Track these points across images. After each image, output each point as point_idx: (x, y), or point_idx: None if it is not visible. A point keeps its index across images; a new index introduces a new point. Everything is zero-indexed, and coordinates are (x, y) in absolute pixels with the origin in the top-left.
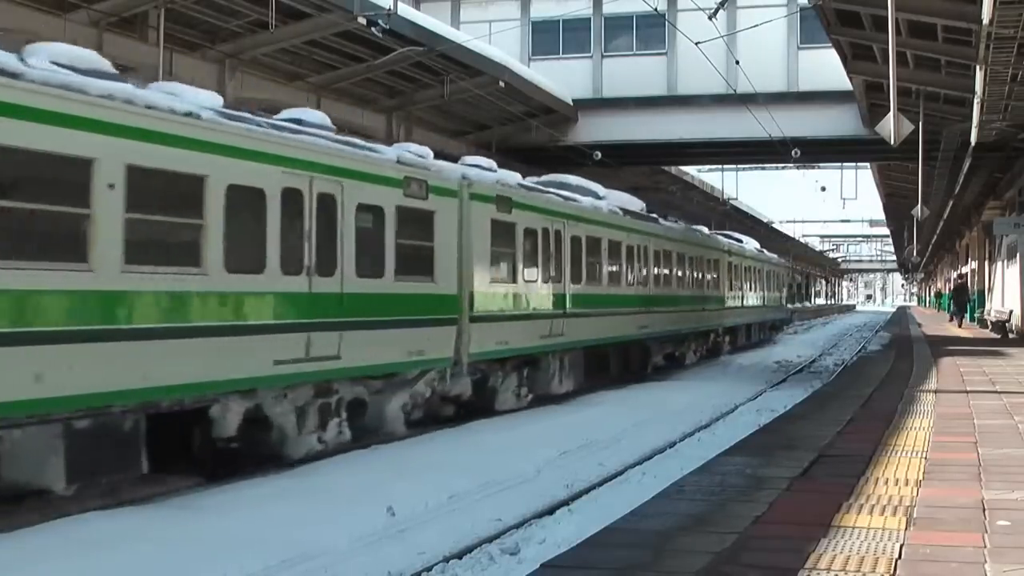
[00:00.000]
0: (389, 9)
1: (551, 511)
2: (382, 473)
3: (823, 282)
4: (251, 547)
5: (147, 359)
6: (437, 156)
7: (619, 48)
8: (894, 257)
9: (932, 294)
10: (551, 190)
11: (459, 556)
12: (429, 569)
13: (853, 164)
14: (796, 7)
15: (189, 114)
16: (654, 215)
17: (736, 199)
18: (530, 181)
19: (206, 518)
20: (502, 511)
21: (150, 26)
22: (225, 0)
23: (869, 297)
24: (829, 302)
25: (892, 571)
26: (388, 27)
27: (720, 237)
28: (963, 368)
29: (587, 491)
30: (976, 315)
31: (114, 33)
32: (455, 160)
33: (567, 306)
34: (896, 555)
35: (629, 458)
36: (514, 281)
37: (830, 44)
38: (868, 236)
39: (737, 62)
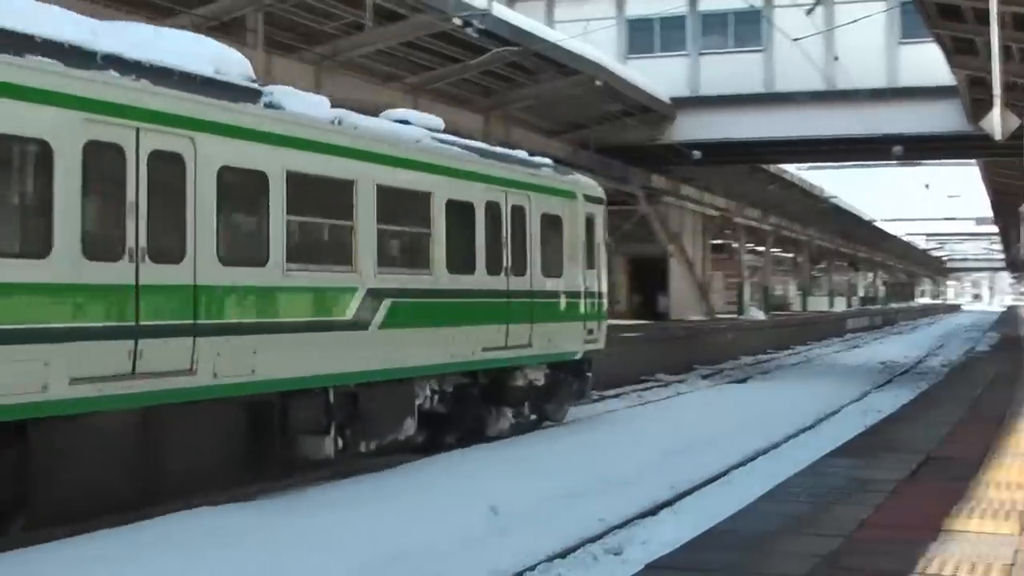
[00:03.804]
0: (484, 9)
1: (654, 511)
2: (485, 472)
3: (927, 282)
4: (355, 544)
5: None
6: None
7: (716, 45)
8: (1002, 256)
9: None
10: None
11: (562, 556)
12: (532, 568)
13: (959, 160)
14: (896, 1)
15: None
16: None
17: (836, 197)
18: None
19: (309, 516)
20: (605, 511)
21: (249, 29)
22: (321, 2)
23: (976, 297)
24: (934, 302)
25: None
26: (483, 27)
27: None
28: None
29: (690, 492)
30: None
31: (215, 37)
32: None
33: None
34: (1010, 561)
35: (732, 459)
36: None
37: (932, 38)
38: (975, 234)
39: (836, 58)
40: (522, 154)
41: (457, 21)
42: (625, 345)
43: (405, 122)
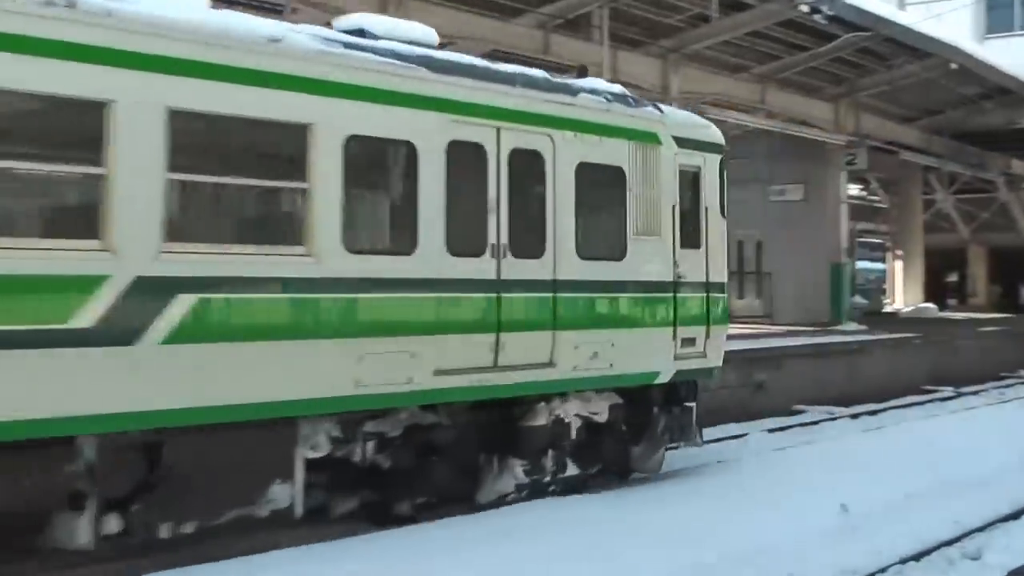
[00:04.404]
0: None
1: (1016, 515)
2: (833, 467)
3: None
4: (704, 539)
5: None
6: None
7: None
8: None
9: None
10: None
11: (916, 558)
12: (884, 570)
13: None
14: None
15: None
16: None
17: None
18: None
19: (642, 510)
20: (960, 513)
21: (594, 25)
22: None
23: None
24: None
25: None
26: (832, 13)
27: None
28: None
29: None
30: None
31: (560, 34)
32: None
33: None
34: None
35: None
36: None
37: None
38: None
39: None
40: (594, 83)
41: (804, 8)
42: (983, 340)
43: (360, 32)
